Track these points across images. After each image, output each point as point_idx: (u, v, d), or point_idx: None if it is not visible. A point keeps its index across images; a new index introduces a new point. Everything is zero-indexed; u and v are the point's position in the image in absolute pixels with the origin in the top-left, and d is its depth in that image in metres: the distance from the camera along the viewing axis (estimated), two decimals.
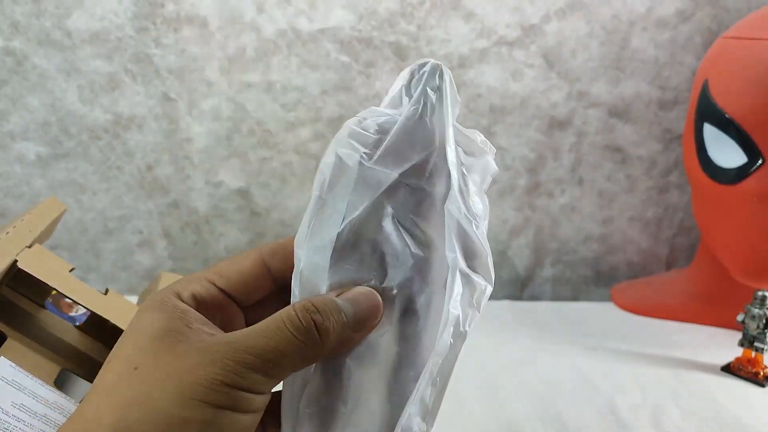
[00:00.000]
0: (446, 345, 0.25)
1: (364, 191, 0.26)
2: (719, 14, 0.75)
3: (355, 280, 0.26)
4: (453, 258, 0.26)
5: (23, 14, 0.70)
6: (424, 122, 0.26)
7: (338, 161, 0.26)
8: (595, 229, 0.84)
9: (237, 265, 0.27)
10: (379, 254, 0.26)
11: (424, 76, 0.27)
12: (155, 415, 0.22)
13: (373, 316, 0.26)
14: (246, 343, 0.23)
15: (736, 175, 0.60)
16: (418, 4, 0.72)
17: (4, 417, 0.41)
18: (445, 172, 0.27)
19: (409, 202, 0.27)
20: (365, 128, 0.27)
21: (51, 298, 0.56)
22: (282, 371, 0.24)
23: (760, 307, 0.59)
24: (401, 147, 0.26)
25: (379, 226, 0.26)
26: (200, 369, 0.22)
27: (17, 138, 0.74)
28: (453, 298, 0.26)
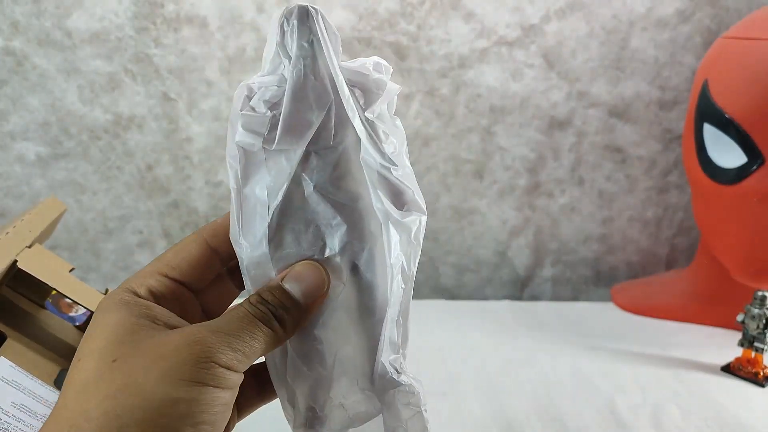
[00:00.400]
0: (399, 293, 0.27)
1: (278, 175, 0.26)
2: (719, 14, 0.75)
3: (297, 259, 0.27)
4: (382, 209, 0.27)
5: (23, 14, 0.70)
6: (310, 81, 0.25)
7: (242, 152, 0.26)
8: (595, 229, 0.84)
9: (185, 253, 0.28)
10: (313, 228, 0.27)
11: (295, 30, 0.25)
12: (144, 400, 0.23)
13: (320, 285, 0.27)
14: (222, 326, 0.25)
15: (736, 175, 0.60)
16: (418, 4, 0.72)
17: (4, 417, 0.41)
18: (349, 126, 0.26)
19: (325, 167, 0.26)
20: (256, 109, 0.26)
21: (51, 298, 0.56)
22: (255, 352, 0.25)
23: (760, 307, 0.59)
24: (297, 116, 0.25)
25: (305, 201, 0.26)
26: (183, 350, 0.23)
27: (17, 138, 0.74)
28: (392, 250, 0.27)
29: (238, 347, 0.24)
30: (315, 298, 0.27)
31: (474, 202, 0.81)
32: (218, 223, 0.29)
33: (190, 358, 0.23)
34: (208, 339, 0.24)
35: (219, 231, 0.28)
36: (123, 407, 0.22)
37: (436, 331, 0.70)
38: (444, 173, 0.80)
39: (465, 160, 0.79)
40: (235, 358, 0.24)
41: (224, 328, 0.25)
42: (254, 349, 0.25)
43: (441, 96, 0.76)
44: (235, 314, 0.26)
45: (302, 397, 0.28)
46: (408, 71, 0.75)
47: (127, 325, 0.25)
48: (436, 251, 0.83)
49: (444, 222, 0.82)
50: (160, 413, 0.22)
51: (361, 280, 0.28)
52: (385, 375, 0.28)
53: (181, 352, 0.23)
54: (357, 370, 0.28)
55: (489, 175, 0.80)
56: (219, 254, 0.29)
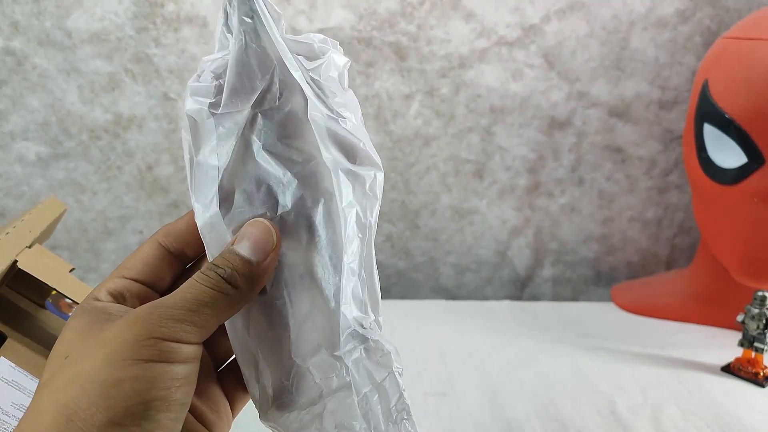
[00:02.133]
0: (353, 239, 0.27)
1: (226, 138, 0.26)
2: (719, 14, 0.75)
3: (250, 215, 0.27)
4: (330, 159, 0.27)
5: (23, 14, 0.70)
6: (252, 49, 0.26)
7: (192, 121, 0.27)
8: (595, 229, 0.84)
9: (138, 254, 0.29)
10: (265, 186, 0.27)
11: (235, 7, 0.26)
12: (89, 386, 0.23)
13: (268, 239, 0.26)
14: (165, 301, 0.25)
15: (736, 176, 0.60)
16: (418, 4, 0.72)
17: (4, 417, 0.41)
18: (295, 87, 0.27)
19: (272, 127, 0.27)
20: (203, 80, 0.27)
21: (51, 298, 0.56)
22: (207, 319, 0.25)
23: (760, 307, 0.59)
24: (241, 81, 0.26)
25: (254, 161, 0.27)
26: (126, 331, 0.23)
27: (17, 138, 0.74)
28: (344, 197, 0.26)
29: (185, 317, 0.24)
30: (266, 253, 0.26)
31: (474, 202, 0.81)
32: (171, 225, 0.29)
33: (131, 337, 0.23)
34: (149, 315, 0.24)
35: (171, 231, 0.29)
36: (71, 397, 0.22)
37: (436, 331, 0.70)
38: (444, 173, 0.80)
39: (465, 160, 0.79)
40: (181, 329, 0.24)
41: (168, 301, 0.24)
42: (206, 315, 0.25)
43: (441, 96, 0.76)
44: (184, 287, 0.25)
45: (267, 365, 0.27)
46: (408, 71, 0.75)
47: (82, 325, 0.25)
48: (436, 251, 0.83)
49: (444, 222, 0.82)
50: (105, 395, 0.22)
51: (319, 237, 0.27)
52: (347, 329, 0.27)
53: (124, 333, 0.23)
54: (324, 333, 0.27)
55: (489, 175, 0.80)
56: (172, 253, 0.29)
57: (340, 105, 0.27)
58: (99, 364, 0.23)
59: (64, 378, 0.23)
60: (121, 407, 0.22)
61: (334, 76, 0.28)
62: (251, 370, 0.28)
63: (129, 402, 0.22)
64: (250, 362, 0.28)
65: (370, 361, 0.27)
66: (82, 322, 0.25)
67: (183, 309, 0.24)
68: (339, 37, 0.73)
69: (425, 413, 0.55)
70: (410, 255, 0.83)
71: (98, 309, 0.26)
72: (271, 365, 0.27)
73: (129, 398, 0.22)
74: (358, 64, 0.74)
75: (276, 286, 0.27)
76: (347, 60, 0.29)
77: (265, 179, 0.27)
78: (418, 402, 0.56)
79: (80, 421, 0.22)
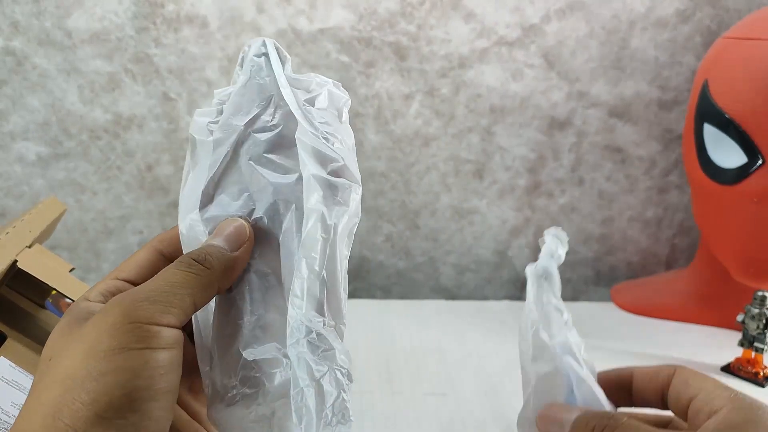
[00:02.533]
0: (314, 238, 0.27)
1: (219, 150, 0.29)
2: (719, 14, 0.75)
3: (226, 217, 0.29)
4: (306, 168, 0.28)
5: (23, 14, 0.70)
6: (255, 81, 0.29)
7: (193, 140, 0.29)
8: (595, 229, 0.84)
9: (133, 258, 0.29)
10: (246, 195, 0.29)
11: (250, 50, 0.30)
12: (72, 384, 0.22)
13: (241, 232, 0.28)
14: (140, 287, 0.25)
15: (736, 175, 0.60)
16: (418, 4, 0.72)
17: (4, 417, 0.41)
18: (289, 111, 0.29)
19: (261, 144, 0.29)
20: (213, 104, 0.30)
21: (51, 298, 0.56)
22: (181, 299, 0.24)
23: (760, 307, 0.58)
24: (240, 103, 0.29)
25: (239, 171, 0.29)
26: (102, 321, 0.23)
27: (17, 138, 0.74)
28: (310, 200, 0.28)
29: (159, 298, 0.24)
30: (239, 243, 0.27)
31: (474, 202, 0.81)
32: (166, 232, 0.30)
33: (108, 325, 0.23)
34: (122, 299, 0.24)
35: (165, 237, 0.30)
36: (54, 396, 0.22)
37: (436, 331, 0.70)
38: (444, 173, 0.80)
39: (465, 160, 0.79)
40: (156, 310, 0.23)
41: (142, 287, 0.24)
42: (180, 295, 0.24)
43: (441, 96, 0.76)
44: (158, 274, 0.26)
45: (219, 360, 0.27)
46: (408, 71, 0.75)
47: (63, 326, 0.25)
48: (436, 251, 0.83)
49: (444, 222, 0.82)
50: (88, 390, 0.22)
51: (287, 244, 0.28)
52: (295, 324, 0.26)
53: (100, 323, 0.23)
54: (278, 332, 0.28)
55: (489, 175, 0.80)
56: (166, 256, 0.29)
57: (330, 131, 0.29)
58: (79, 360, 0.23)
59: (49, 379, 0.23)
60: (105, 400, 0.22)
61: (326, 107, 0.30)
62: (206, 364, 0.28)
63: (113, 394, 0.22)
64: (205, 357, 0.28)
65: (312, 355, 0.26)
66: (64, 323, 0.25)
67: (156, 291, 0.24)
68: (339, 37, 0.73)
69: (425, 413, 0.55)
70: (410, 255, 0.83)
71: (82, 309, 0.26)
72: (223, 360, 0.28)
73: (112, 390, 0.22)
74: (358, 64, 0.74)
75: (239, 284, 0.28)
76: (347, 98, 0.31)
77: (247, 187, 0.29)
78: (418, 402, 0.56)
79: (67, 418, 0.22)
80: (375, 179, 0.79)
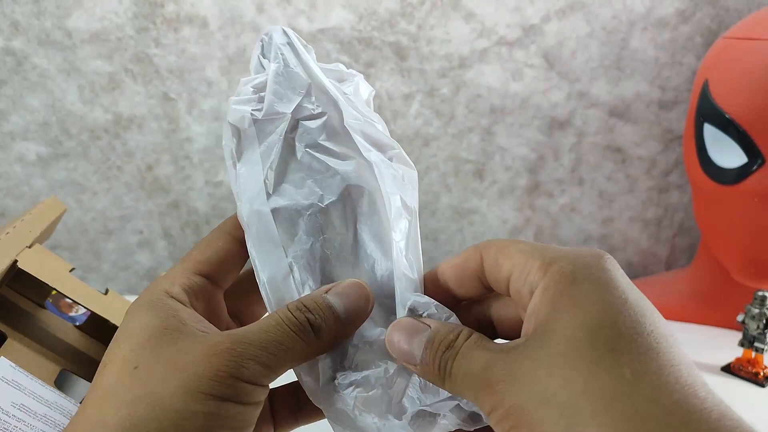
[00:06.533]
0: (400, 219, 0.27)
1: (269, 140, 0.28)
2: (719, 14, 0.75)
3: (296, 206, 0.28)
4: (371, 154, 0.28)
5: (23, 14, 0.70)
6: (290, 69, 0.29)
7: (234, 129, 0.28)
8: (595, 229, 0.84)
9: (213, 248, 0.28)
10: (309, 182, 0.28)
11: (273, 40, 0.29)
12: (161, 411, 0.22)
13: (364, 306, 0.26)
14: (248, 337, 0.24)
15: (736, 175, 0.60)
16: (418, 4, 0.72)
17: (4, 417, 0.41)
18: (330, 101, 0.29)
19: (313, 132, 0.29)
20: (243, 94, 0.29)
21: (51, 298, 0.56)
22: (282, 364, 0.24)
23: (760, 307, 0.58)
24: (280, 92, 0.28)
25: (298, 161, 0.28)
26: (204, 362, 0.23)
27: (17, 138, 0.74)
28: (386, 184, 0.27)
29: (265, 360, 0.23)
30: (357, 318, 0.26)
31: (474, 202, 0.81)
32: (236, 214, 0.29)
33: (209, 371, 0.22)
34: (231, 350, 0.23)
35: (238, 221, 0.29)
36: (139, 417, 0.22)
37: None
38: (444, 173, 0.80)
39: (465, 160, 0.79)
40: (259, 372, 0.23)
41: (252, 338, 0.24)
42: (282, 361, 0.24)
43: (441, 96, 0.76)
44: (267, 322, 0.24)
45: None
46: (408, 71, 0.75)
47: (153, 329, 0.24)
48: (436, 251, 0.83)
49: (444, 222, 0.82)
50: (176, 425, 0.22)
51: (364, 226, 0.28)
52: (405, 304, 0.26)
53: (202, 363, 0.23)
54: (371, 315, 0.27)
55: (489, 175, 0.80)
56: (242, 243, 0.28)
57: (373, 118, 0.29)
58: (173, 390, 0.22)
59: (134, 393, 0.22)
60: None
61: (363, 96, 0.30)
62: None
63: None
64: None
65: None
66: (153, 327, 0.24)
67: (265, 351, 0.23)
68: (339, 37, 0.73)
69: None
70: None
71: (169, 311, 0.25)
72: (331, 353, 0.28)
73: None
74: (358, 64, 0.74)
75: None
76: (372, 89, 0.31)
77: (310, 175, 0.28)
78: None
79: None
80: None
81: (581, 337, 0.20)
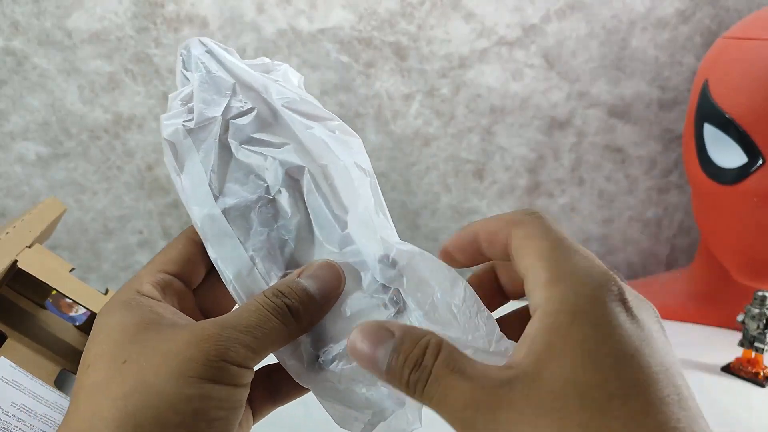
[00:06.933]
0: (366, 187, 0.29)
1: (206, 147, 0.29)
2: (719, 14, 0.75)
3: (245, 202, 0.29)
4: (314, 130, 0.29)
5: (23, 14, 0.70)
6: (213, 75, 0.30)
7: (171, 145, 0.29)
8: (595, 229, 0.84)
9: (175, 250, 0.29)
10: (252, 176, 0.29)
11: (191, 52, 0.30)
12: (156, 398, 0.22)
13: (337, 285, 0.27)
14: (232, 321, 0.25)
15: (736, 175, 0.60)
16: (418, 4, 0.72)
17: (4, 417, 0.41)
18: (257, 95, 0.29)
19: (245, 128, 0.29)
20: (173, 109, 0.30)
21: (51, 298, 0.56)
22: (265, 347, 0.25)
23: (760, 307, 0.58)
24: (207, 99, 0.29)
25: (236, 159, 0.29)
26: (193, 347, 0.23)
27: (17, 138, 0.74)
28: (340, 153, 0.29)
29: (249, 343, 0.24)
30: (331, 298, 0.27)
31: (474, 202, 0.81)
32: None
33: (200, 356, 0.23)
34: (218, 336, 0.24)
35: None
36: (136, 406, 0.22)
37: None
38: (444, 173, 0.80)
39: (465, 160, 0.79)
40: (245, 355, 0.24)
41: (235, 323, 0.24)
42: (265, 344, 0.25)
43: (441, 96, 0.76)
44: (247, 308, 0.25)
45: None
46: (408, 71, 0.75)
47: (134, 325, 0.25)
48: (436, 251, 0.83)
49: (444, 222, 0.82)
50: (174, 410, 0.22)
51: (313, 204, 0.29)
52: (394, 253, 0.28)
53: (191, 349, 0.23)
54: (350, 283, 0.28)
55: (489, 175, 0.80)
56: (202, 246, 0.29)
57: (304, 96, 0.30)
58: (166, 377, 0.23)
59: (127, 385, 0.23)
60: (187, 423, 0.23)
61: (294, 81, 0.31)
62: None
63: (195, 419, 0.23)
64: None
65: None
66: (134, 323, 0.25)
67: (249, 334, 0.24)
68: (339, 37, 0.73)
69: (425, 412, 0.55)
70: None
71: (144, 307, 0.25)
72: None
73: (196, 415, 0.23)
74: (358, 64, 0.74)
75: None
76: (301, 76, 0.32)
77: (251, 170, 0.29)
78: None
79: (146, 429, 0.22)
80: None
81: (570, 395, 0.19)
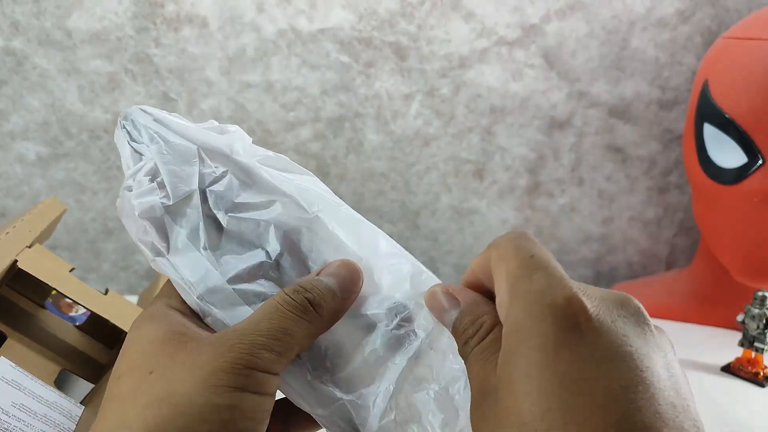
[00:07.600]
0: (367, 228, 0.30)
1: (189, 222, 0.28)
2: (719, 14, 0.75)
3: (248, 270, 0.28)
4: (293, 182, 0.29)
5: (23, 14, 0.70)
6: (171, 144, 0.28)
7: (148, 224, 0.27)
8: (595, 229, 0.84)
9: None
10: (246, 244, 0.28)
11: (136, 120, 0.29)
12: (185, 408, 0.22)
13: (356, 280, 0.28)
14: (253, 327, 0.24)
15: (736, 175, 0.60)
16: (418, 4, 0.72)
17: (4, 417, 0.41)
18: (224, 156, 0.29)
19: (225, 194, 0.29)
20: (140, 187, 0.28)
21: (51, 298, 0.56)
22: (290, 348, 0.25)
23: (760, 307, 0.59)
24: (176, 171, 0.28)
25: (227, 230, 0.28)
26: (219, 357, 0.23)
27: (17, 138, 0.74)
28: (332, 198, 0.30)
29: (273, 347, 0.24)
30: (351, 292, 0.27)
31: (474, 202, 0.81)
32: None
33: (226, 365, 0.23)
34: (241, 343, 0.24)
35: None
36: (164, 416, 0.22)
37: None
38: (444, 173, 0.80)
39: (465, 160, 0.79)
40: (271, 360, 0.24)
41: (255, 327, 0.24)
42: (289, 344, 0.25)
43: (441, 96, 0.76)
44: (267, 310, 0.25)
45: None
46: (408, 71, 0.75)
47: (161, 337, 0.25)
48: (436, 251, 0.83)
49: (444, 222, 0.82)
50: (202, 419, 0.22)
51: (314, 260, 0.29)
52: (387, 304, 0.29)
53: (218, 358, 0.23)
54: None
55: (489, 175, 0.80)
56: None
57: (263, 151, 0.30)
58: (193, 387, 0.23)
59: (155, 395, 0.23)
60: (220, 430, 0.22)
61: (248, 141, 0.30)
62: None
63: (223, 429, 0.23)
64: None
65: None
66: (161, 335, 0.25)
67: (271, 338, 0.24)
68: (339, 37, 0.73)
69: None
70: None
71: (174, 322, 0.26)
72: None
73: (224, 425, 0.23)
74: (358, 64, 0.74)
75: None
76: (250, 138, 0.31)
77: (245, 237, 0.28)
78: None
79: None
80: (375, 179, 0.79)
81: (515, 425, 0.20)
